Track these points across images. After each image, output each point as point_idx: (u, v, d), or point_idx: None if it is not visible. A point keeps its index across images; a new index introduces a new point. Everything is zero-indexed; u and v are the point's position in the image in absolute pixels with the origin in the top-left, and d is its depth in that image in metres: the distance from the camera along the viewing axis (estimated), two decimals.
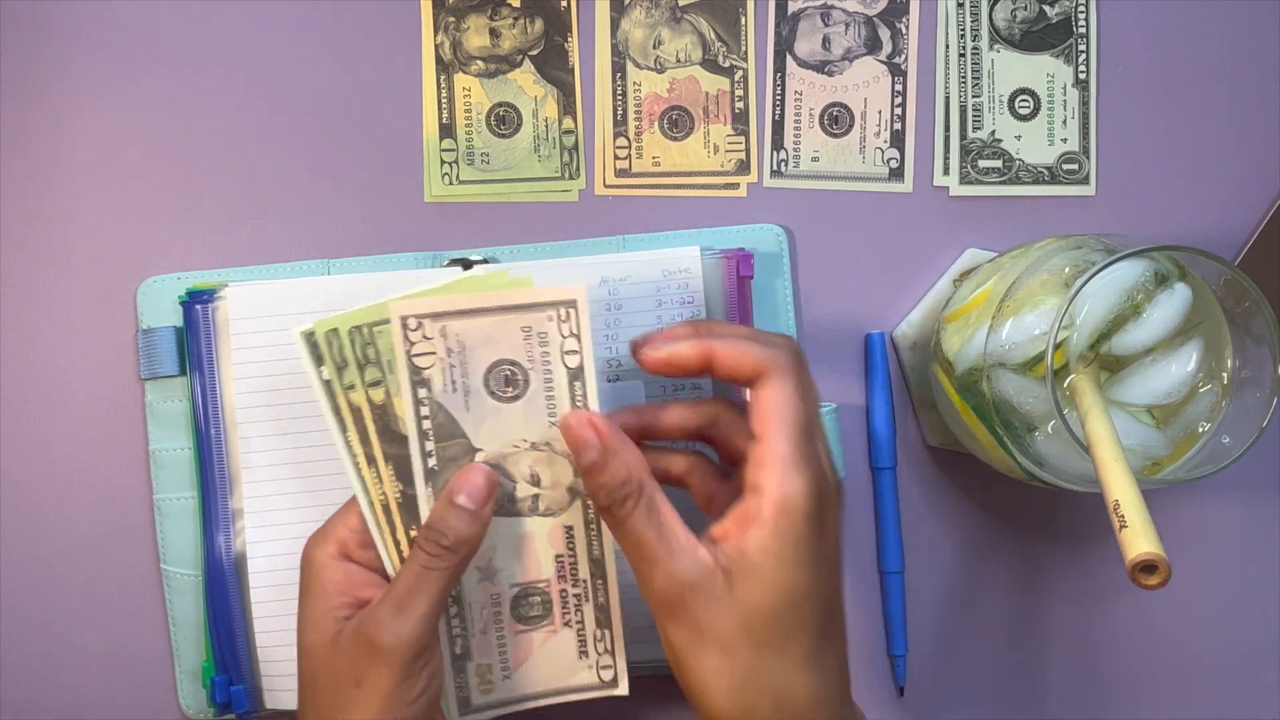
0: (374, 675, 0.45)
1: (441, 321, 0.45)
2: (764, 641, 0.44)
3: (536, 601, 0.49)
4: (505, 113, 0.59)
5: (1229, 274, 0.50)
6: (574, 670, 0.50)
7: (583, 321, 0.46)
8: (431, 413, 0.46)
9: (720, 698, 0.44)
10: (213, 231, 0.58)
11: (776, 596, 0.44)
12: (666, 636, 0.45)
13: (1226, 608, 0.60)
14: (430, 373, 0.46)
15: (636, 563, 0.45)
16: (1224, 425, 0.51)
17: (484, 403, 0.46)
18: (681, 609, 0.44)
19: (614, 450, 0.45)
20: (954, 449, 0.59)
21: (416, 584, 0.45)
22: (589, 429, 0.45)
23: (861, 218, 0.59)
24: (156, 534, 0.57)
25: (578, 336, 0.46)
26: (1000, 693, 0.60)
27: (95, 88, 0.58)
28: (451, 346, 0.46)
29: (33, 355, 0.58)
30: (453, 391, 0.46)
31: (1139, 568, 0.43)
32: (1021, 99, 0.60)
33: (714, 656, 0.44)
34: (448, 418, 0.46)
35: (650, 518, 0.45)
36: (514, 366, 0.46)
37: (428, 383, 0.46)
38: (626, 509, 0.45)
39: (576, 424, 0.46)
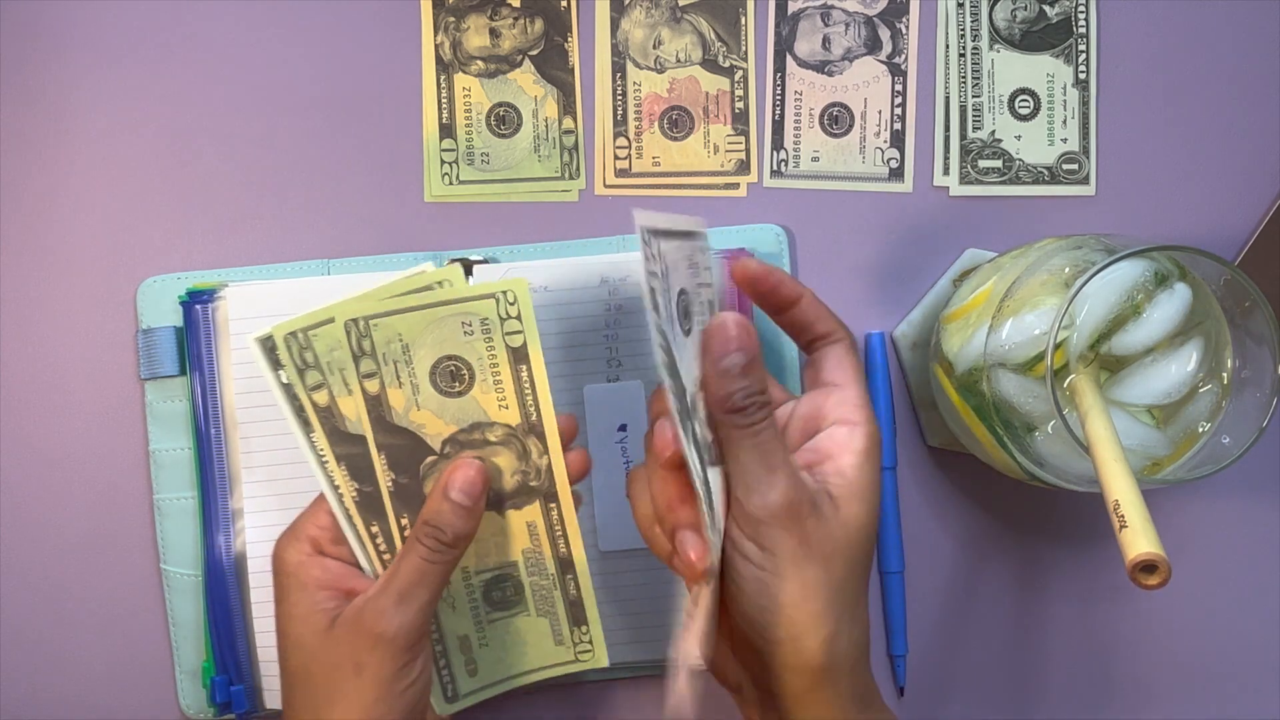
0: (374, 662, 0.46)
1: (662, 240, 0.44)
2: (854, 558, 0.46)
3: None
4: (505, 113, 0.59)
5: (1229, 274, 0.50)
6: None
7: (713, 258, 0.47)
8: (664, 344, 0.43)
9: (816, 606, 0.44)
10: (213, 231, 0.58)
11: (868, 518, 0.46)
12: (769, 547, 0.44)
13: (1226, 608, 0.60)
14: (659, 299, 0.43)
15: (756, 470, 0.45)
16: (1224, 425, 0.51)
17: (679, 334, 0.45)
18: (796, 519, 0.44)
19: (759, 359, 0.45)
20: (954, 449, 0.59)
21: (419, 576, 0.47)
22: (741, 329, 0.45)
23: (861, 218, 0.59)
24: (156, 534, 0.57)
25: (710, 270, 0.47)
26: (1000, 693, 0.60)
27: (95, 88, 0.58)
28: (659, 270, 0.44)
29: (33, 355, 0.58)
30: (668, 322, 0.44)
31: (1139, 568, 0.43)
32: (1021, 99, 0.60)
33: (815, 568, 0.44)
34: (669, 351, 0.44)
35: (775, 431, 0.45)
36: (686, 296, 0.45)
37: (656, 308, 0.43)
38: (760, 415, 0.45)
39: (727, 322, 0.45)
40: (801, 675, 0.45)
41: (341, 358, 0.47)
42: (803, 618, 0.44)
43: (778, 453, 0.45)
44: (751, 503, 0.44)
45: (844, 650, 0.45)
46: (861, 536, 0.46)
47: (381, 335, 0.46)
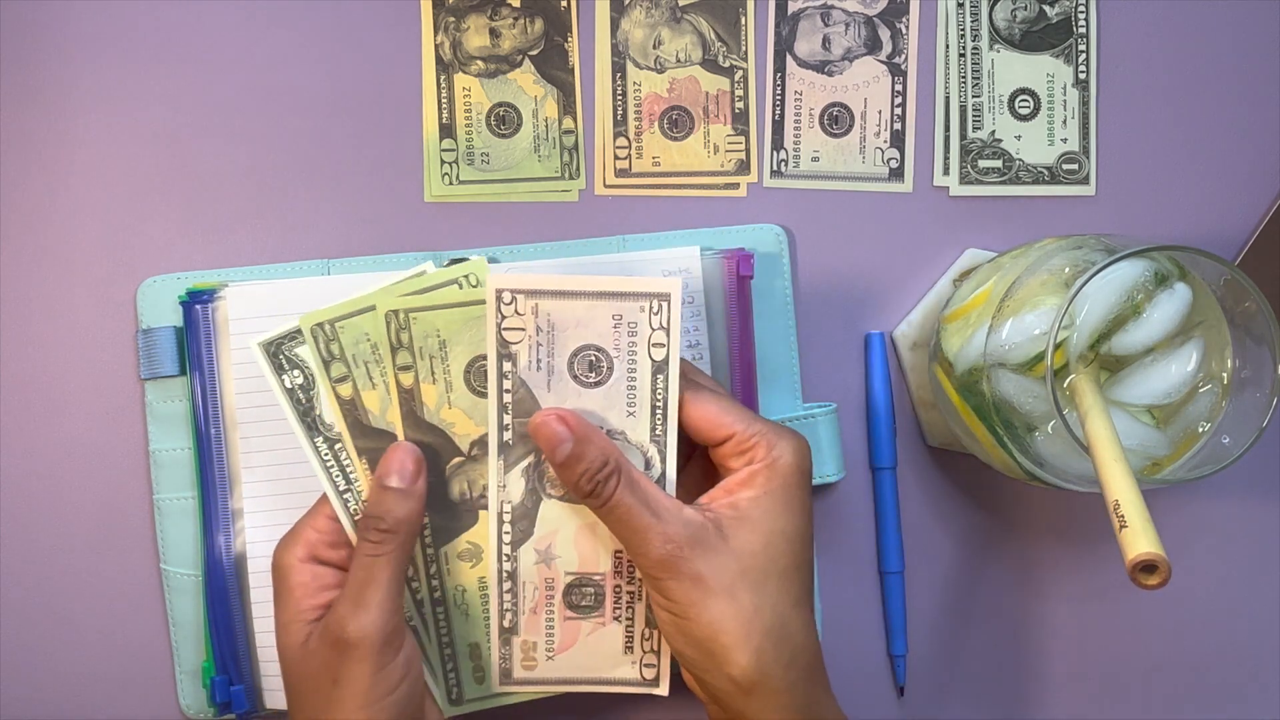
0: (348, 672, 0.46)
1: (535, 300, 0.46)
2: (762, 581, 0.47)
3: (589, 592, 0.50)
4: (505, 113, 0.59)
5: (1229, 274, 0.50)
6: (617, 664, 0.50)
7: (674, 316, 0.47)
8: (513, 387, 0.47)
9: (729, 638, 0.46)
10: (213, 231, 0.58)
11: (770, 539, 0.47)
12: (669, 597, 0.46)
13: (1226, 608, 0.60)
14: (517, 348, 0.46)
15: (629, 536, 0.47)
16: (1224, 425, 0.51)
17: (566, 385, 0.47)
18: (680, 564, 0.46)
19: (587, 438, 0.47)
20: (954, 449, 0.59)
21: (367, 574, 0.46)
22: (558, 423, 0.47)
23: (861, 218, 0.59)
24: (156, 534, 0.57)
25: (667, 330, 0.47)
26: (1000, 693, 0.60)
27: (95, 88, 0.58)
28: (541, 325, 0.46)
29: (33, 355, 0.58)
30: (536, 370, 0.47)
31: (1139, 568, 0.43)
32: (1021, 99, 0.60)
33: (719, 602, 0.46)
34: (528, 394, 0.47)
35: (634, 492, 0.47)
36: (600, 353, 0.47)
37: (514, 358, 0.47)
38: (610, 488, 0.46)
39: (544, 421, 0.47)
40: (734, 699, 0.47)
41: (366, 351, 0.47)
42: (718, 650, 0.46)
43: (640, 514, 0.46)
44: (639, 563, 0.47)
45: (775, 671, 0.46)
46: (761, 561, 0.47)
47: (420, 329, 0.47)
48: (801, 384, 0.58)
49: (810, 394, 0.59)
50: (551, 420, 0.47)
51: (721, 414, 0.48)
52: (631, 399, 0.48)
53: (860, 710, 0.59)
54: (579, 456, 0.46)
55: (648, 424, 0.48)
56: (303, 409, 0.48)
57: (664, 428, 0.48)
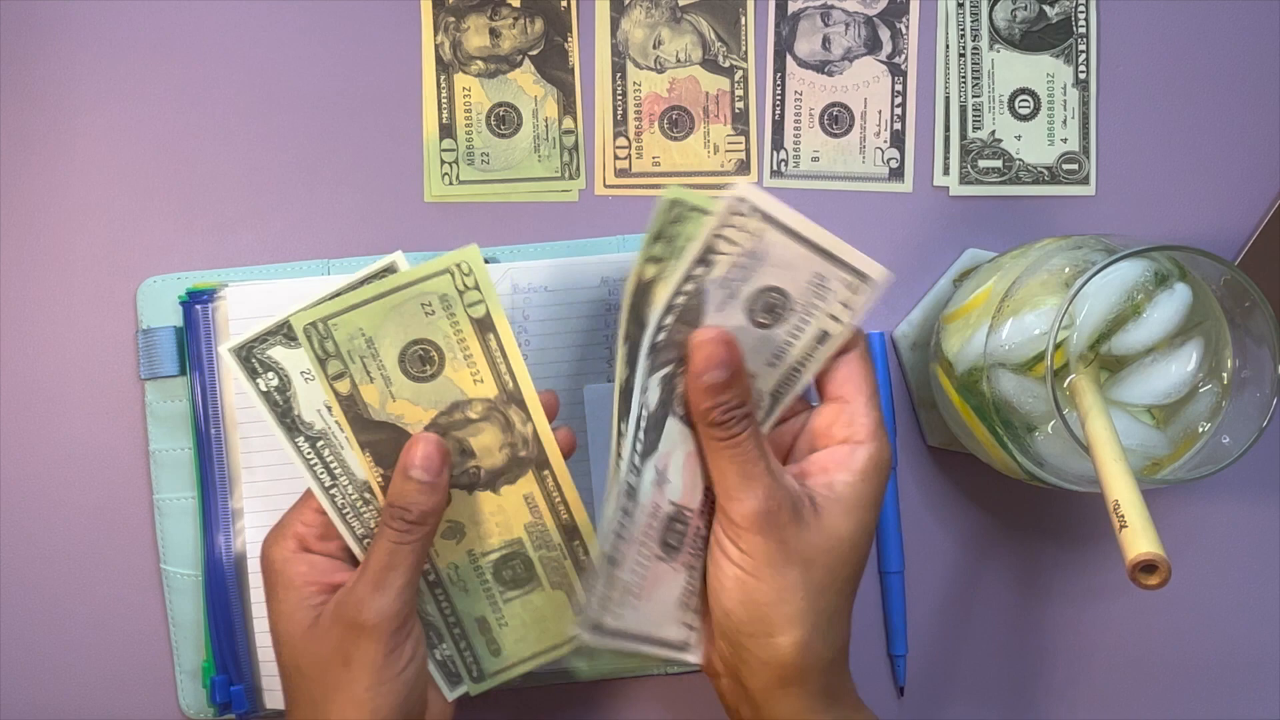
0: (361, 652, 0.46)
1: (765, 224, 0.45)
2: (837, 567, 0.47)
3: (680, 530, 0.48)
4: (505, 113, 0.59)
5: (1229, 274, 0.50)
6: (669, 618, 0.49)
7: (864, 301, 0.47)
8: (693, 291, 0.46)
9: (791, 608, 0.46)
10: (213, 231, 0.58)
11: (856, 529, 0.47)
12: (748, 552, 0.46)
13: (1226, 608, 0.60)
14: (719, 259, 0.45)
15: (736, 478, 0.46)
16: (1224, 425, 0.51)
17: (736, 314, 0.46)
18: (773, 525, 0.46)
19: (740, 373, 0.46)
20: (954, 449, 0.59)
21: (390, 560, 0.47)
22: (724, 346, 0.46)
23: (861, 218, 0.59)
24: (156, 534, 0.57)
25: (851, 310, 0.47)
26: (1000, 693, 0.60)
27: (95, 88, 0.58)
28: (756, 250, 0.45)
29: (33, 355, 0.58)
30: (721, 287, 0.46)
31: (1139, 568, 0.43)
32: (1021, 99, 0.60)
33: (794, 570, 0.46)
34: (699, 304, 0.46)
35: (757, 440, 0.46)
36: (785, 301, 0.46)
37: (710, 265, 0.45)
38: (741, 428, 0.46)
39: (711, 339, 0.46)
40: (773, 671, 0.46)
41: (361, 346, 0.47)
42: (778, 618, 0.46)
43: (757, 462, 0.46)
44: (731, 509, 0.46)
45: (818, 653, 0.46)
46: (845, 547, 0.47)
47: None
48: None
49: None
50: (718, 339, 0.46)
51: (860, 378, 0.48)
52: (781, 353, 0.47)
53: None
54: (727, 386, 0.46)
55: (777, 380, 0.48)
56: (280, 410, 0.48)
57: (787, 390, 0.48)
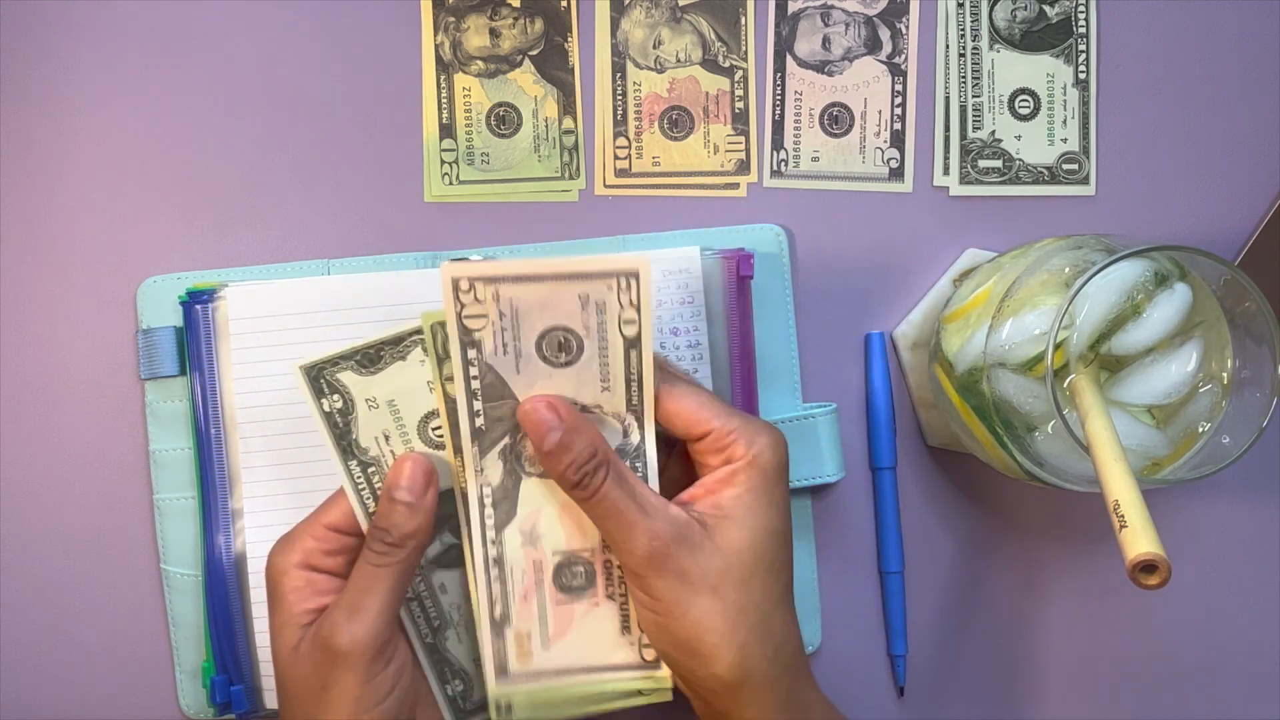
0: (338, 679, 0.45)
1: (494, 286, 0.45)
2: (747, 579, 0.46)
3: (580, 571, 0.49)
4: (505, 113, 0.59)
5: (1229, 274, 0.50)
6: (615, 647, 0.50)
7: (644, 293, 0.46)
8: (480, 373, 0.46)
9: (715, 636, 0.46)
10: (213, 231, 0.58)
11: (755, 536, 0.47)
12: (653, 595, 0.46)
13: (1226, 608, 0.60)
14: (481, 335, 0.46)
15: (614, 529, 0.46)
16: (1224, 425, 0.51)
17: (535, 367, 0.47)
18: (666, 562, 0.46)
19: (576, 427, 0.46)
20: (954, 449, 0.59)
21: (367, 584, 0.46)
22: (548, 410, 0.46)
23: (861, 218, 0.59)
24: (156, 534, 0.57)
25: (638, 307, 0.46)
26: (1000, 693, 0.60)
27: (95, 88, 0.58)
28: (504, 310, 0.46)
29: (33, 355, 0.58)
30: (503, 354, 0.46)
31: (1139, 568, 0.43)
32: (1021, 99, 0.60)
33: (704, 599, 0.46)
34: (497, 379, 0.46)
35: (621, 486, 0.46)
36: (568, 333, 0.46)
37: (478, 345, 0.46)
38: (597, 480, 0.46)
39: (534, 408, 0.46)
40: (719, 696, 0.47)
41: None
42: (705, 650, 0.46)
43: (628, 507, 0.46)
44: (622, 558, 0.47)
45: (759, 667, 0.46)
46: (747, 558, 0.47)
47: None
48: (801, 384, 0.58)
49: (810, 394, 0.59)
50: (541, 407, 0.46)
51: (699, 409, 0.48)
52: (605, 374, 0.47)
53: (860, 710, 0.59)
54: (567, 446, 0.46)
55: (623, 396, 0.48)
56: (339, 432, 0.48)
57: (640, 398, 0.48)
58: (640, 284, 0.46)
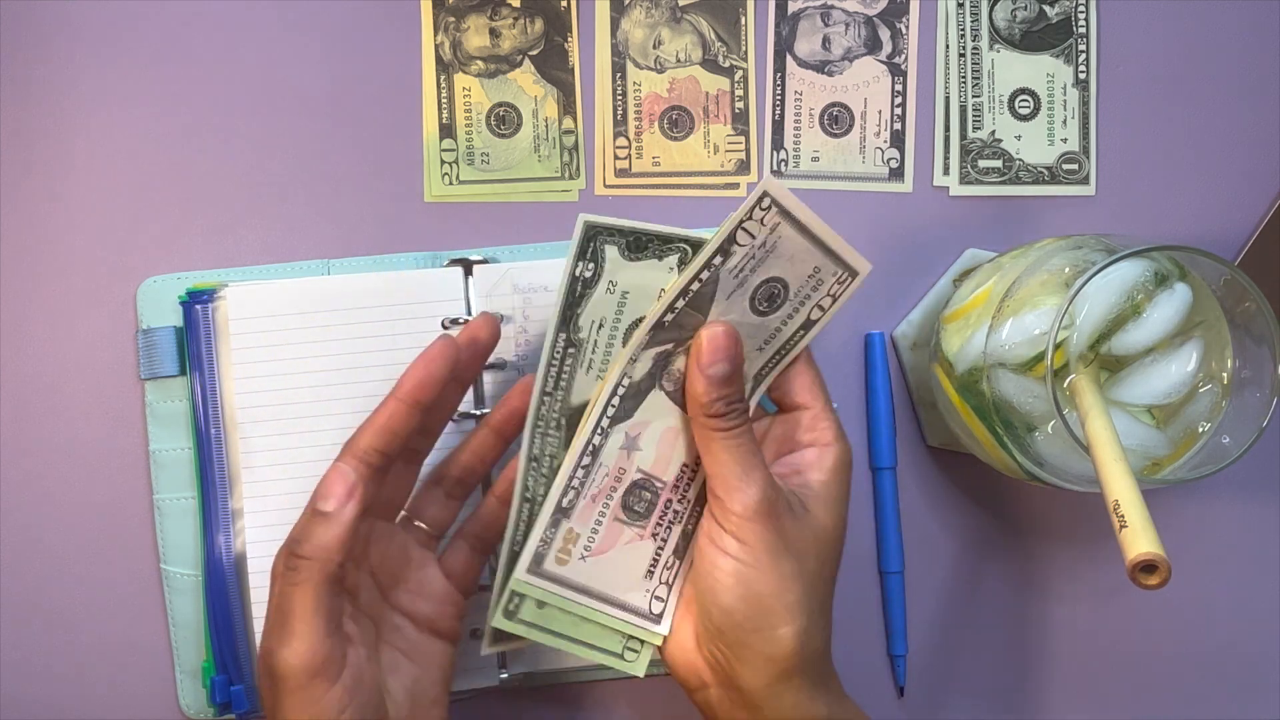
0: (283, 703, 0.45)
1: (781, 219, 0.47)
2: (826, 559, 0.48)
3: (646, 498, 0.50)
4: (505, 113, 0.59)
5: (1229, 274, 0.50)
6: (632, 587, 0.50)
7: (847, 293, 0.49)
8: (708, 279, 0.47)
9: (793, 596, 0.47)
10: (213, 231, 0.58)
11: (838, 525, 0.49)
12: (749, 542, 0.47)
13: (1226, 608, 0.60)
14: (737, 250, 0.47)
15: (732, 472, 0.47)
16: (1224, 425, 0.51)
17: (741, 302, 0.48)
18: (774, 515, 0.47)
19: (741, 367, 0.48)
20: (954, 449, 0.59)
21: (288, 605, 0.45)
22: (733, 341, 0.47)
23: (861, 218, 0.59)
24: (156, 534, 0.57)
25: (835, 300, 0.49)
26: (1000, 693, 0.60)
27: (95, 88, 0.58)
28: (768, 242, 0.47)
29: (33, 355, 0.58)
30: (733, 277, 0.47)
31: (1139, 568, 0.43)
32: (1021, 99, 0.60)
33: (791, 561, 0.47)
34: (709, 293, 0.47)
35: (752, 435, 0.48)
36: (785, 292, 0.48)
37: (729, 255, 0.47)
38: (739, 420, 0.47)
39: (723, 332, 0.47)
40: (776, 665, 0.47)
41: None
42: (780, 608, 0.46)
43: (754, 455, 0.47)
44: (732, 500, 0.47)
45: (815, 643, 0.47)
46: (831, 539, 0.49)
47: None
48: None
49: None
50: (727, 334, 0.47)
51: (813, 384, 0.50)
52: (771, 339, 0.49)
53: None
54: (730, 379, 0.47)
55: (763, 363, 0.50)
56: (572, 300, 0.48)
57: (768, 373, 0.50)
58: (853, 286, 0.49)
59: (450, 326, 0.55)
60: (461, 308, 0.56)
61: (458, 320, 0.55)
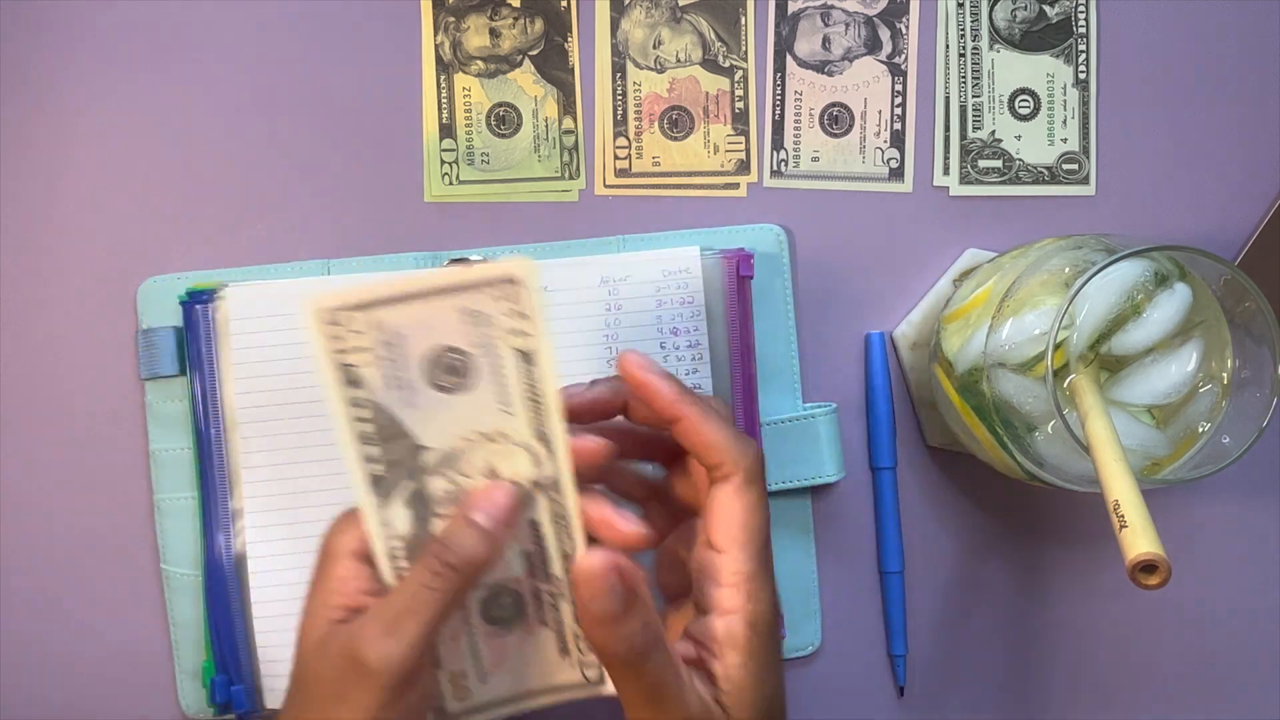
0: (356, 696, 0.42)
1: (368, 312, 0.40)
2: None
3: (507, 602, 0.46)
4: (505, 113, 0.59)
5: (1229, 274, 0.50)
6: (556, 670, 0.47)
7: (531, 300, 0.41)
8: (373, 415, 0.41)
9: None
10: (213, 231, 0.58)
11: (759, 709, 0.44)
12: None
13: (1226, 608, 0.60)
14: (362, 371, 0.41)
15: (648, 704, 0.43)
16: (1224, 425, 0.51)
17: (428, 396, 0.42)
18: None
19: (635, 592, 0.42)
20: (954, 449, 0.59)
21: (412, 603, 0.42)
22: (613, 573, 0.41)
23: (861, 218, 0.59)
24: (156, 534, 0.57)
25: (527, 317, 0.41)
26: (1000, 693, 0.60)
27: (95, 88, 0.58)
28: (386, 339, 0.41)
29: (33, 356, 0.58)
30: (394, 389, 0.41)
31: (1139, 568, 0.43)
32: (1021, 99, 0.60)
33: None
34: (388, 419, 0.42)
35: (668, 662, 0.42)
36: (456, 353, 0.42)
37: (361, 382, 0.41)
38: (647, 659, 0.42)
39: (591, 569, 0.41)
40: None
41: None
42: None
43: (667, 689, 0.42)
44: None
45: None
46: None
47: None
48: (801, 384, 0.58)
49: (810, 394, 0.59)
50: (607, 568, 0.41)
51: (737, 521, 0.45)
52: (504, 396, 0.42)
53: (860, 710, 0.59)
54: (622, 618, 0.42)
55: (527, 420, 0.43)
56: None
57: (547, 422, 0.43)
58: (525, 290, 0.41)
59: None
60: None
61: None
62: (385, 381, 0.41)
